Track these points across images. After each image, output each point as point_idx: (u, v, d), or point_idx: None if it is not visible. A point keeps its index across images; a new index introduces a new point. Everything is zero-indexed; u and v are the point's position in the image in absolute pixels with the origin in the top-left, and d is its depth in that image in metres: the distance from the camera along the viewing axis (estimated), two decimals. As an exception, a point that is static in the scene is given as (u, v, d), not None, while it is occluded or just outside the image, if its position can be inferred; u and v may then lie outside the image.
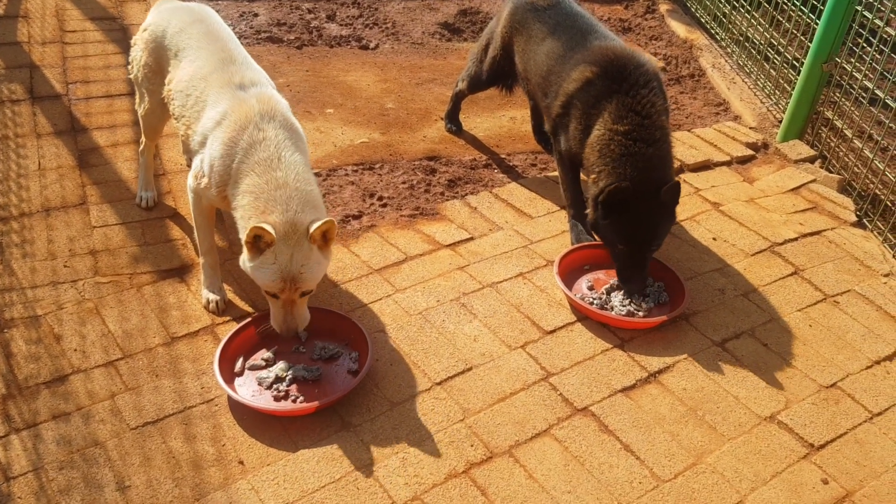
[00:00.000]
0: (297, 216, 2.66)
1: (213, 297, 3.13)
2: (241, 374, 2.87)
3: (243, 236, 2.68)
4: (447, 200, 3.96)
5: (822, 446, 2.79)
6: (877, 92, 4.08)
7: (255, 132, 2.78)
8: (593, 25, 3.72)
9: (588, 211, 3.39)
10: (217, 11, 5.68)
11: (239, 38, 5.35)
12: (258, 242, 2.63)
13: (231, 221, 2.90)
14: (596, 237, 3.55)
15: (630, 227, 3.22)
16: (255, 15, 5.79)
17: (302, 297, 2.76)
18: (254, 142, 2.77)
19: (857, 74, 4.25)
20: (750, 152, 4.59)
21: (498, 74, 4.22)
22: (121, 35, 5.06)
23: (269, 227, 2.58)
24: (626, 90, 3.32)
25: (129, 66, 3.45)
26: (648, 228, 3.23)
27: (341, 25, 5.86)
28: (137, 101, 3.50)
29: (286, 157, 2.77)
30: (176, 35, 3.17)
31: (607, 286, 3.38)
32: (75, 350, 2.91)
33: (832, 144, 4.50)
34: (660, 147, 3.27)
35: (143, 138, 3.63)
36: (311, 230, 2.63)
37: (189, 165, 3.90)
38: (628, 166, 3.21)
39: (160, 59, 3.25)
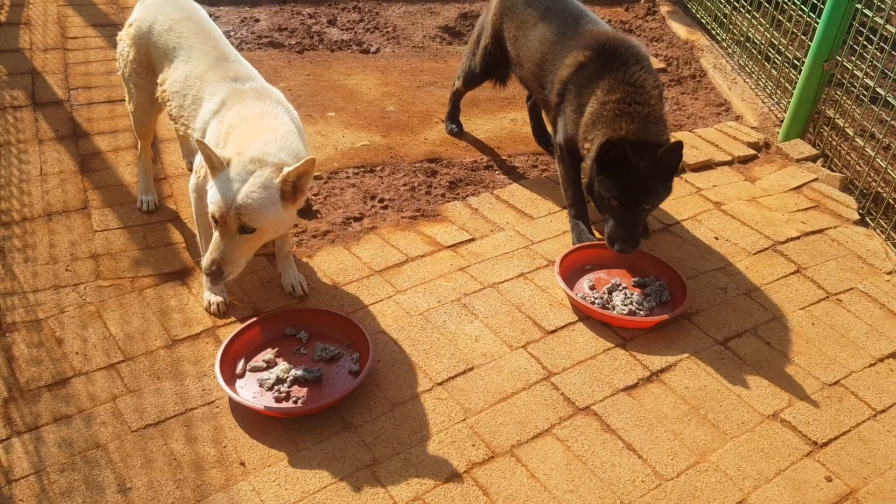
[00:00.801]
0: (269, 150, 2.65)
1: (214, 298, 3.13)
2: (242, 375, 2.87)
3: None
4: (448, 202, 3.96)
5: (826, 444, 2.78)
6: (878, 90, 4.07)
7: (249, 103, 2.83)
8: (583, 10, 3.78)
9: (584, 178, 3.40)
10: (218, 17, 5.74)
11: (240, 43, 5.42)
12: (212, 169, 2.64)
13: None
14: (594, 234, 3.55)
15: (624, 181, 3.21)
16: (257, 20, 5.81)
17: (242, 233, 2.64)
18: (246, 107, 2.81)
19: (858, 73, 4.25)
20: (751, 152, 4.59)
21: (491, 65, 4.23)
22: (122, 41, 5.07)
23: (215, 150, 2.58)
24: (617, 67, 3.37)
25: (117, 64, 3.44)
26: (642, 184, 3.22)
27: (342, 30, 5.87)
28: (127, 98, 3.48)
29: (280, 116, 2.81)
30: (164, 33, 3.16)
31: (609, 286, 3.37)
32: (77, 353, 2.92)
33: (834, 143, 4.49)
34: (654, 109, 3.30)
35: (137, 142, 3.63)
36: (286, 170, 2.59)
37: (190, 169, 3.91)
38: (623, 122, 3.25)
39: (149, 55, 3.24)
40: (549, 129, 3.82)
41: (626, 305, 3.25)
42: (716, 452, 2.72)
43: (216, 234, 2.67)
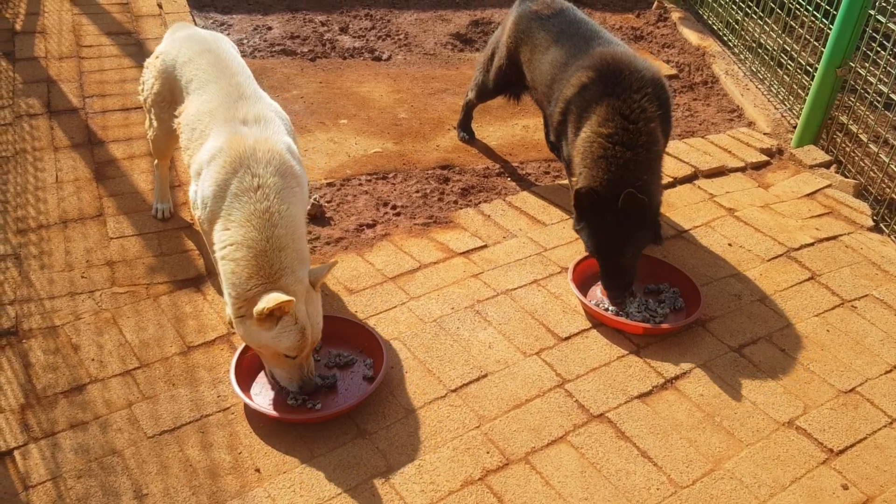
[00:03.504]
0: (300, 274, 2.61)
1: None
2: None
3: (231, 294, 2.60)
4: (461, 209, 3.97)
5: (842, 451, 2.76)
6: (892, 96, 4.06)
7: (248, 177, 2.65)
8: (597, 32, 3.70)
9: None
10: (231, 25, 5.77)
11: (253, 51, 5.44)
12: (274, 313, 2.53)
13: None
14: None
15: (599, 234, 3.18)
16: (269, 28, 5.84)
17: None
18: (247, 188, 2.64)
19: (871, 79, 4.24)
20: (764, 158, 4.58)
21: (504, 83, 4.21)
22: (136, 49, 5.11)
23: (288, 299, 2.48)
24: (617, 94, 3.27)
25: (140, 89, 3.43)
26: (616, 236, 3.16)
27: (354, 37, 5.89)
28: (147, 124, 3.47)
29: (285, 211, 2.64)
30: (185, 65, 3.09)
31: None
32: (93, 360, 2.93)
33: (847, 149, 4.48)
34: (640, 153, 3.18)
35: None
36: (322, 277, 2.65)
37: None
38: (601, 169, 3.16)
39: (173, 90, 3.18)
40: (556, 143, 3.79)
41: (640, 312, 3.25)
42: (731, 460, 2.71)
43: (296, 364, 2.70)
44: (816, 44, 4.75)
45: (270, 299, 2.48)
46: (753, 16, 5.57)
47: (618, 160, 3.16)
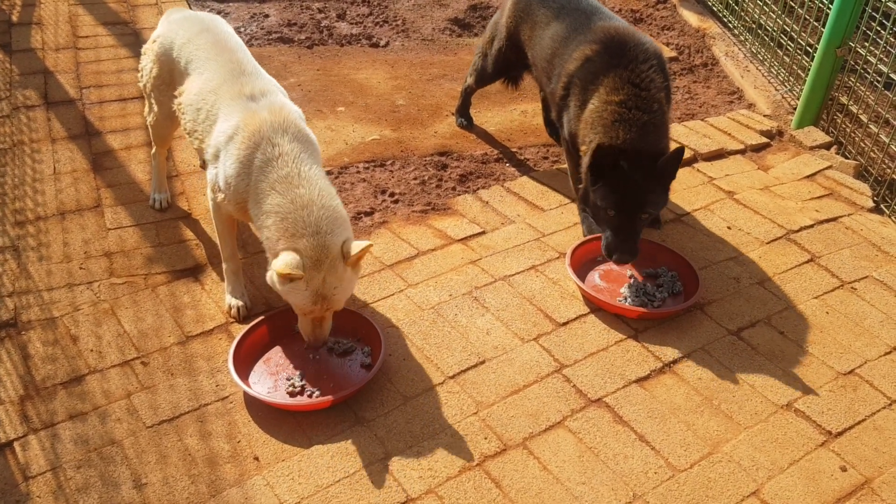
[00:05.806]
0: (327, 238, 2.61)
1: (235, 302, 3.13)
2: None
3: (271, 255, 2.69)
4: (459, 195, 3.96)
5: (840, 433, 2.76)
6: (892, 76, 4.03)
7: (269, 148, 2.72)
8: (597, 7, 3.72)
9: (581, 186, 3.31)
10: (228, 13, 5.75)
11: (250, 39, 5.42)
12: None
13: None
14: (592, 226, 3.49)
15: (620, 191, 3.12)
16: (266, 16, 5.82)
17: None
18: (269, 158, 2.71)
19: (871, 59, 4.20)
20: (764, 140, 4.55)
21: (504, 66, 4.20)
22: (133, 39, 5.10)
23: (297, 272, 2.54)
24: (624, 65, 3.29)
25: (139, 75, 3.44)
26: (639, 193, 3.14)
27: (351, 24, 5.87)
28: (146, 110, 3.49)
29: (305, 172, 2.71)
30: (183, 46, 3.11)
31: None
32: (91, 350, 2.94)
33: (848, 130, 4.45)
34: (655, 116, 3.20)
35: (153, 143, 3.65)
36: (353, 254, 2.62)
37: (203, 167, 3.93)
38: (620, 130, 3.15)
39: (172, 72, 3.19)
40: (556, 122, 3.78)
41: (638, 297, 3.24)
42: (729, 443, 2.71)
43: (307, 320, 2.75)
44: (816, 24, 4.71)
45: (282, 265, 2.55)
46: (753, -4, 5.53)
47: (636, 122, 3.16)
